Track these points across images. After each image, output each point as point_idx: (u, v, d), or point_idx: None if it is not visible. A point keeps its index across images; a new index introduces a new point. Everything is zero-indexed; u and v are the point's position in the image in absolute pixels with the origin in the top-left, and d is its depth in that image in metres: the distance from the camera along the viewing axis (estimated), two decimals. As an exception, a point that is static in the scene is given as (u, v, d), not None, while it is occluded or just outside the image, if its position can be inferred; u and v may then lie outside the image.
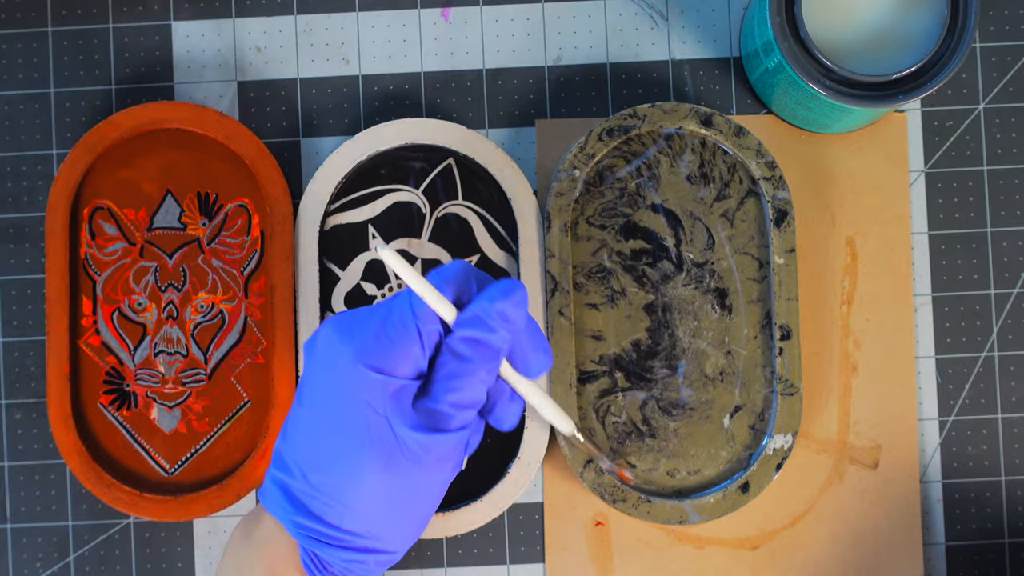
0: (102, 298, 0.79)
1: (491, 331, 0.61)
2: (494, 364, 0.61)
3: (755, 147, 0.77)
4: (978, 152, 0.80)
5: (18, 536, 0.80)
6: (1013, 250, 0.80)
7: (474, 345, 0.61)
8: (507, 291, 0.61)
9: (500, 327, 0.61)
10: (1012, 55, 0.81)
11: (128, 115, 0.78)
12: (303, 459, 0.62)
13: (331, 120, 0.81)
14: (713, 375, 0.78)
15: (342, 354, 0.60)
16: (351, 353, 0.60)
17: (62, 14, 0.81)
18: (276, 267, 0.78)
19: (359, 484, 0.61)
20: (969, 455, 0.79)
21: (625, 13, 0.81)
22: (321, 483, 0.61)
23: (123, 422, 0.79)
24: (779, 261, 0.77)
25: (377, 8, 0.81)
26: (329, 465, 0.61)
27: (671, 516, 0.76)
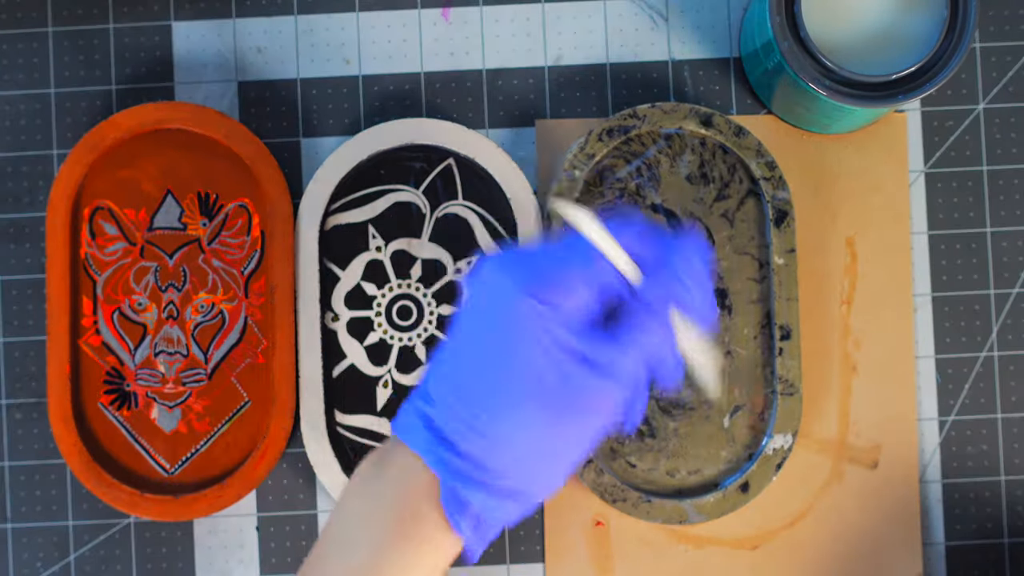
0: (102, 298, 0.79)
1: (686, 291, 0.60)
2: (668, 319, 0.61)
3: (755, 147, 0.77)
4: (978, 152, 0.80)
5: (18, 536, 0.80)
6: (1013, 250, 0.80)
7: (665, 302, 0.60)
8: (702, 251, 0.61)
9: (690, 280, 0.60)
10: (1012, 55, 0.81)
11: (128, 115, 0.78)
12: (456, 391, 0.60)
13: (331, 120, 0.81)
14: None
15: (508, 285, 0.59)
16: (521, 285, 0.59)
17: (62, 14, 0.81)
18: (276, 267, 0.78)
19: (512, 421, 0.59)
20: (969, 455, 0.79)
21: (625, 13, 0.81)
22: (473, 417, 0.59)
23: (123, 422, 0.79)
24: (779, 261, 0.77)
25: (377, 8, 0.81)
26: (485, 398, 0.59)
27: (671, 516, 0.76)
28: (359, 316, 0.80)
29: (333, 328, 0.80)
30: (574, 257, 0.60)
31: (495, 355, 0.59)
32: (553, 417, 0.59)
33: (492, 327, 0.59)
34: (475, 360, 0.60)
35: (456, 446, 0.60)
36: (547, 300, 0.59)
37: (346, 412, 0.79)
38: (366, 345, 0.80)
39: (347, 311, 0.80)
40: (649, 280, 0.60)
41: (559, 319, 0.59)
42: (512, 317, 0.59)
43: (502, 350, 0.59)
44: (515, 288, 0.59)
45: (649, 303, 0.60)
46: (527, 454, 0.60)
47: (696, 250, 0.61)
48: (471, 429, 0.59)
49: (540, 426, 0.59)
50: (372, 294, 0.80)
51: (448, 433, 0.60)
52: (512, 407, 0.59)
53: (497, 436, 0.59)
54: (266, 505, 0.80)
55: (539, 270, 0.59)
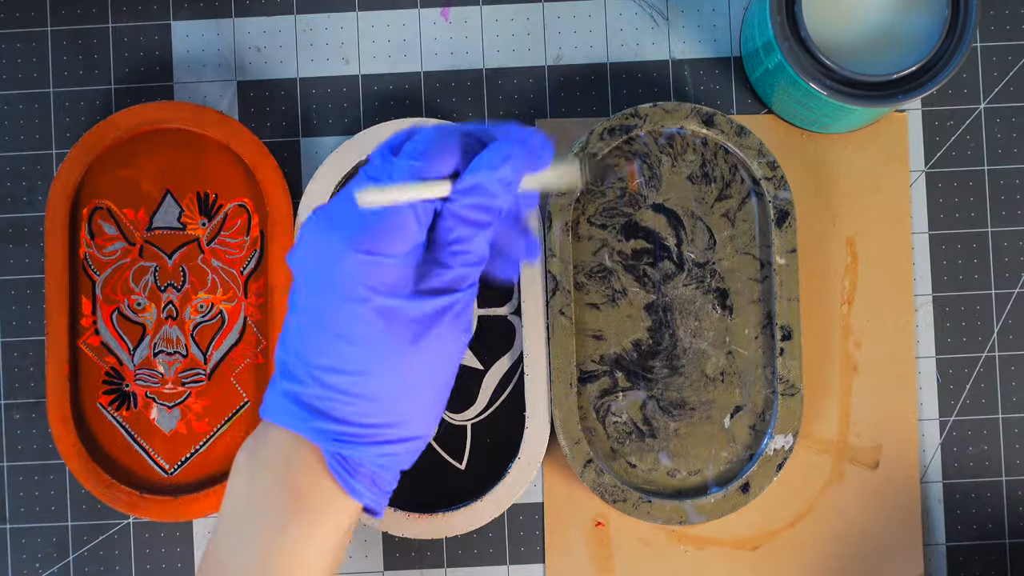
0: (102, 298, 0.79)
1: (493, 197, 0.60)
2: (496, 219, 0.60)
3: (756, 147, 0.77)
4: (978, 152, 0.80)
5: (18, 536, 0.80)
6: (1013, 250, 0.80)
7: (479, 210, 0.60)
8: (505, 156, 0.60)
9: (501, 192, 0.60)
10: (1012, 55, 0.81)
11: (128, 115, 0.78)
12: (312, 363, 0.60)
13: (331, 120, 0.81)
14: (714, 375, 0.78)
15: (332, 245, 0.59)
16: (341, 241, 0.58)
17: (62, 14, 0.81)
18: (276, 267, 0.78)
19: (377, 374, 0.59)
20: (969, 455, 0.79)
21: (625, 13, 0.81)
22: (337, 383, 0.59)
23: (123, 422, 0.79)
24: (780, 261, 0.77)
25: (377, 8, 0.81)
26: (342, 362, 0.59)
27: (671, 516, 0.76)
28: (359, 316, 0.80)
29: (333, 328, 0.79)
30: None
31: (339, 317, 0.59)
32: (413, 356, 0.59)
33: (328, 292, 0.59)
34: (322, 328, 0.59)
35: (328, 413, 0.60)
36: (375, 249, 0.58)
37: (346, 412, 0.79)
38: (366, 345, 0.79)
39: (347, 311, 0.80)
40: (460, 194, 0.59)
41: (388, 266, 0.58)
42: (344, 273, 0.58)
43: (344, 311, 0.59)
44: (341, 244, 0.58)
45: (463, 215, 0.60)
46: (401, 398, 0.60)
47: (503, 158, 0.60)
48: (340, 392, 0.59)
49: (404, 369, 0.59)
50: (372, 294, 0.80)
51: (315, 402, 0.60)
52: (371, 360, 0.59)
53: (366, 392, 0.59)
54: (266, 505, 0.80)
55: (359, 220, 0.59)
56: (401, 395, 0.60)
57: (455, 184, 0.60)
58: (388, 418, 0.60)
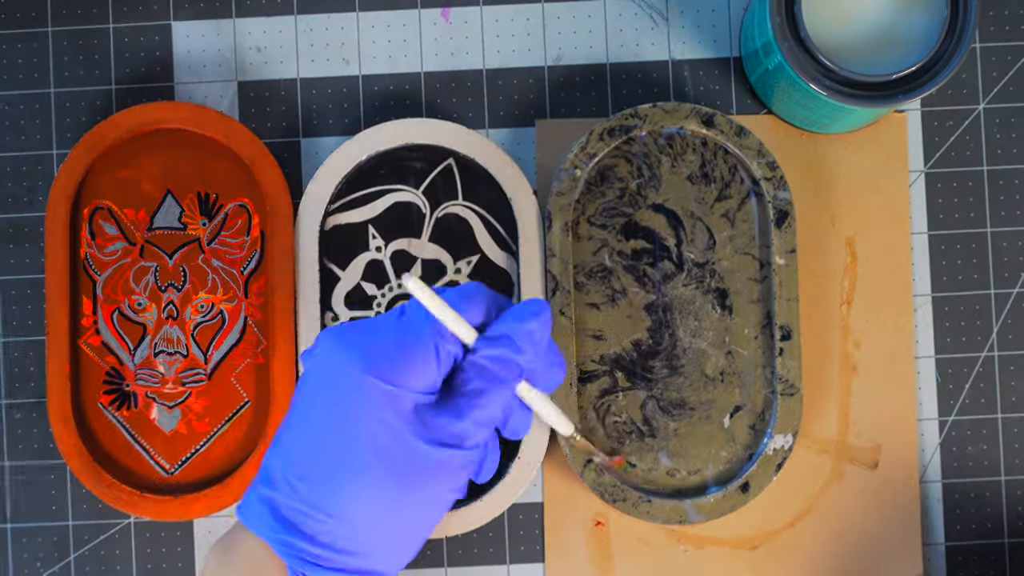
0: (102, 298, 0.79)
1: (519, 351, 0.61)
2: (517, 382, 0.61)
3: (756, 147, 0.77)
4: (978, 152, 0.80)
5: (18, 536, 0.80)
6: (1013, 250, 0.80)
7: (501, 363, 0.61)
8: (536, 311, 0.61)
9: (527, 347, 0.61)
10: (1012, 55, 0.81)
11: (128, 115, 0.78)
12: (297, 472, 0.60)
13: (331, 120, 0.81)
14: (713, 375, 0.78)
15: (352, 365, 0.59)
16: (362, 365, 0.59)
17: (62, 14, 0.81)
18: (276, 267, 0.78)
19: (359, 500, 0.59)
20: (969, 455, 0.80)
21: (625, 13, 0.81)
22: (315, 498, 0.59)
23: (123, 422, 0.79)
24: (780, 261, 0.77)
25: (377, 8, 0.81)
26: (327, 479, 0.59)
27: (671, 516, 0.76)
28: (359, 316, 0.80)
29: (333, 328, 0.79)
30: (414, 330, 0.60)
31: (338, 435, 0.59)
32: (400, 493, 0.59)
33: (335, 406, 0.59)
34: (317, 441, 0.59)
35: (301, 529, 0.59)
36: (391, 380, 0.59)
37: (346, 412, 0.79)
38: (366, 345, 0.80)
39: (347, 311, 0.80)
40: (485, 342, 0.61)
41: (403, 398, 0.59)
42: (356, 397, 0.59)
43: (346, 430, 0.59)
44: (358, 367, 0.59)
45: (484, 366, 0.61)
46: (376, 533, 0.60)
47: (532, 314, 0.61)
48: (316, 510, 0.59)
49: (387, 502, 0.59)
50: (372, 294, 0.80)
51: (292, 516, 0.60)
52: (358, 486, 0.59)
53: (344, 515, 0.59)
54: (266, 505, 0.80)
55: (381, 347, 0.60)
56: (377, 530, 0.60)
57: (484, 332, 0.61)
58: (357, 547, 0.60)
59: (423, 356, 0.60)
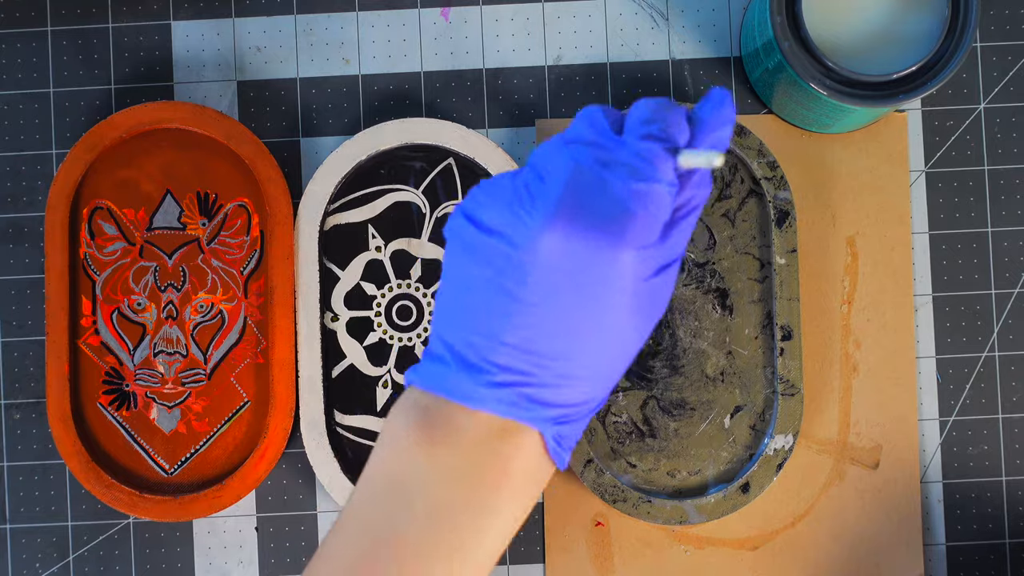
0: (101, 298, 0.79)
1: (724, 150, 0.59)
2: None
3: (756, 147, 0.77)
4: (978, 152, 0.80)
5: (17, 536, 0.80)
6: (1013, 250, 0.80)
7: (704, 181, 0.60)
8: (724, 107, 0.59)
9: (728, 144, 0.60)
10: (1012, 55, 0.81)
11: (128, 115, 0.78)
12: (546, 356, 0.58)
13: (331, 120, 0.81)
14: (714, 375, 0.78)
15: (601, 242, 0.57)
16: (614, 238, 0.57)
17: (62, 14, 0.81)
18: (276, 267, 0.78)
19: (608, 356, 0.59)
20: (970, 455, 0.79)
21: (625, 13, 0.81)
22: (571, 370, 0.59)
23: (123, 422, 0.79)
24: (780, 261, 0.77)
25: (377, 8, 0.81)
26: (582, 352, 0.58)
27: (671, 516, 0.76)
28: (359, 316, 0.80)
29: (333, 328, 0.79)
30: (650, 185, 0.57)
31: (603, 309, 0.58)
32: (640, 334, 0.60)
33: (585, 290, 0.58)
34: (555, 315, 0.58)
35: (551, 401, 0.59)
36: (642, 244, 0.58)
37: (346, 412, 0.79)
38: (366, 345, 0.80)
39: (347, 311, 0.80)
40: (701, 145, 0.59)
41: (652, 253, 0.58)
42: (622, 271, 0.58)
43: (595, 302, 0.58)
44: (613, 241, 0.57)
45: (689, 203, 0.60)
46: (616, 369, 0.60)
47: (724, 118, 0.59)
48: (569, 378, 0.59)
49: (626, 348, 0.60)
50: (372, 294, 0.80)
51: (541, 394, 0.59)
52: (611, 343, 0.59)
53: (591, 375, 0.59)
54: (265, 505, 0.80)
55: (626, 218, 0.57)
56: (618, 367, 0.61)
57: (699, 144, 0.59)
58: (604, 389, 0.61)
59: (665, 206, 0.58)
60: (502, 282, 0.59)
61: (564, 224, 0.58)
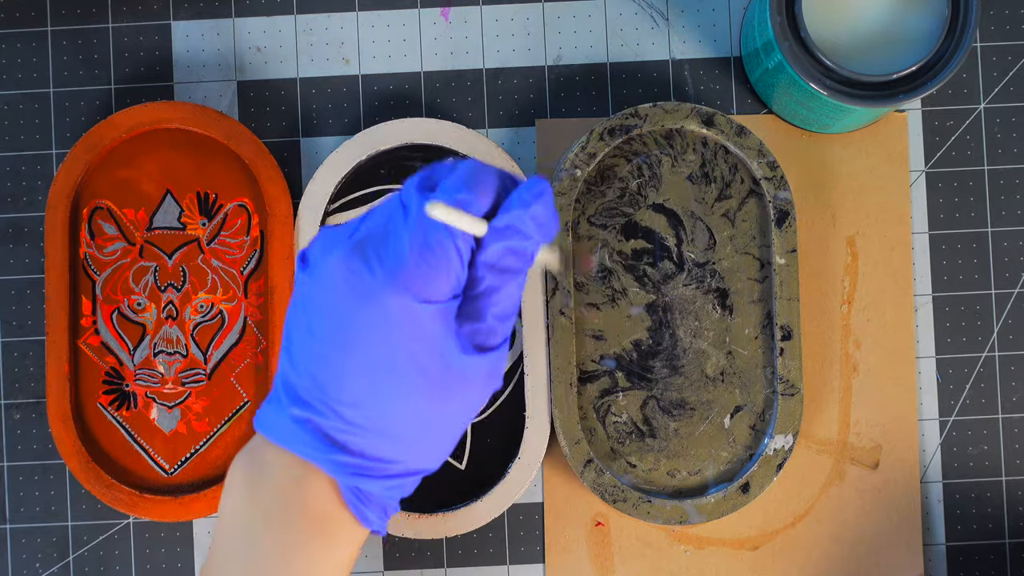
0: (101, 298, 0.79)
1: (527, 238, 0.58)
2: (528, 267, 0.60)
3: (756, 147, 0.77)
4: (979, 152, 0.80)
5: (17, 536, 0.80)
6: (1013, 250, 0.80)
7: (513, 255, 0.59)
8: (537, 193, 0.59)
9: (535, 232, 0.58)
10: (1012, 55, 0.81)
11: (128, 115, 0.78)
12: (334, 397, 0.58)
13: (331, 120, 0.81)
14: (714, 375, 0.78)
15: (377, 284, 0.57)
16: (388, 282, 0.57)
17: (62, 14, 0.81)
18: (276, 267, 0.78)
19: (403, 415, 0.58)
20: (970, 455, 0.79)
21: (625, 13, 0.81)
22: (359, 418, 0.58)
23: (123, 422, 0.79)
24: (780, 261, 0.77)
25: (377, 8, 0.81)
26: (368, 400, 0.58)
27: (671, 516, 0.76)
28: (359, 316, 0.80)
29: (333, 328, 0.79)
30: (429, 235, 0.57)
31: (371, 357, 0.58)
32: (443, 402, 0.59)
33: (362, 327, 0.57)
34: (348, 361, 0.58)
35: (347, 447, 0.59)
36: (421, 296, 0.57)
37: (346, 412, 0.79)
38: (366, 345, 0.79)
39: (347, 311, 0.80)
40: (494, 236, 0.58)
41: (435, 313, 0.57)
42: (388, 318, 0.57)
43: (379, 351, 0.58)
44: (385, 286, 0.57)
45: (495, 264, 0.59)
46: (422, 438, 0.60)
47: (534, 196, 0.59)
48: (361, 429, 0.59)
49: (432, 413, 0.59)
50: (372, 294, 0.80)
51: (334, 434, 0.59)
52: (400, 403, 0.58)
53: (388, 431, 0.59)
54: (266, 505, 0.80)
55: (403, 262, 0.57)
56: (422, 436, 0.60)
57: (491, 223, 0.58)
58: (406, 455, 0.60)
59: (445, 264, 0.57)
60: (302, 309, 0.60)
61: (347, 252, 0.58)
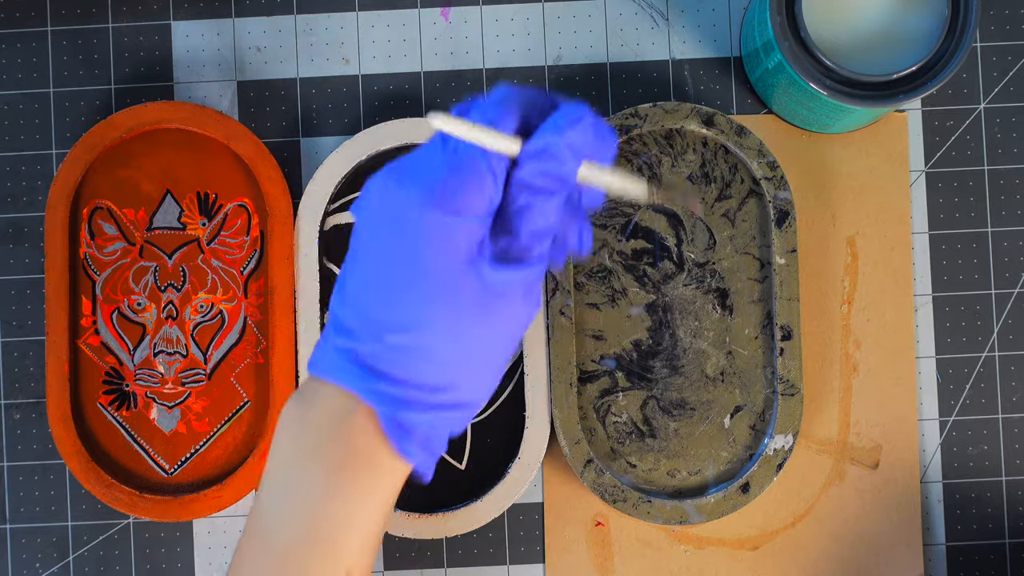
0: (101, 298, 0.79)
1: (561, 163, 0.58)
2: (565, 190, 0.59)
3: (756, 147, 0.77)
4: (978, 152, 0.80)
5: (17, 536, 0.79)
6: (1013, 250, 0.80)
7: (545, 177, 0.58)
8: (573, 120, 0.59)
9: (569, 158, 0.58)
10: (1012, 55, 0.81)
11: (128, 115, 0.78)
12: (375, 320, 0.58)
13: (331, 120, 0.81)
14: (714, 375, 0.78)
15: (410, 201, 0.57)
16: (420, 198, 0.57)
17: (62, 14, 0.81)
18: (276, 267, 0.78)
19: (443, 336, 0.58)
20: (969, 455, 0.79)
21: (625, 13, 0.81)
22: (399, 343, 0.58)
23: (123, 422, 0.79)
24: (780, 261, 0.77)
25: (377, 8, 0.81)
26: (408, 322, 0.57)
27: (671, 516, 0.76)
28: (359, 316, 0.80)
29: (333, 328, 0.79)
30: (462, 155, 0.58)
31: (407, 274, 0.58)
32: (476, 321, 0.58)
33: (399, 245, 0.58)
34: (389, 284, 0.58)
35: (387, 374, 0.58)
36: (451, 210, 0.57)
37: (346, 412, 0.79)
38: (366, 345, 0.79)
39: (347, 311, 0.80)
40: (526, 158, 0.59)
41: (464, 226, 0.57)
42: (420, 232, 0.57)
43: (414, 267, 0.57)
44: (418, 202, 0.57)
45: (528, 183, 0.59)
46: (458, 363, 0.58)
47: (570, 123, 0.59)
48: (401, 353, 0.58)
49: (465, 333, 0.58)
50: (372, 294, 0.80)
51: (374, 362, 0.58)
52: (439, 323, 0.58)
53: (429, 355, 0.58)
54: (266, 505, 0.80)
55: (435, 178, 0.58)
56: (464, 360, 0.59)
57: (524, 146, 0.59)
58: (447, 382, 0.59)
59: (477, 181, 0.57)
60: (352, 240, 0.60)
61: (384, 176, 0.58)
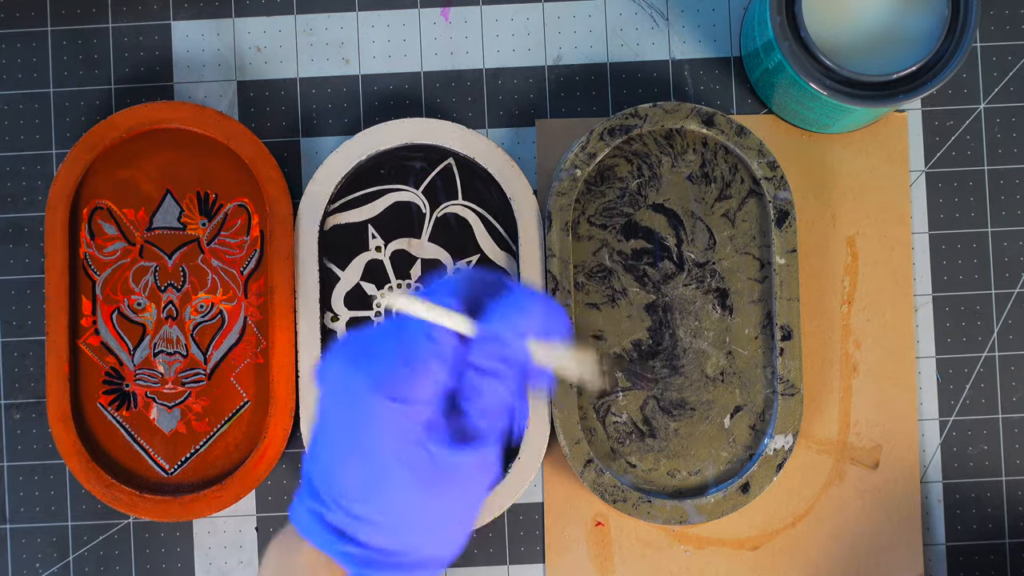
0: (101, 298, 0.79)
1: (511, 346, 0.60)
2: (518, 371, 0.61)
3: (756, 147, 0.77)
4: (978, 152, 0.80)
5: (17, 536, 0.79)
6: (1013, 250, 0.80)
7: (495, 359, 0.61)
8: (524, 303, 0.61)
9: (518, 341, 0.61)
10: (1012, 55, 0.81)
11: (127, 115, 0.78)
12: (337, 492, 0.61)
13: (331, 120, 0.81)
14: (714, 375, 0.78)
15: (359, 385, 0.60)
16: (368, 383, 0.60)
17: (62, 14, 0.81)
18: (276, 267, 0.78)
19: (399, 508, 0.60)
20: (969, 455, 0.79)
21: (625, 13, 0.81)
22: (361, 512, 0.61)
23: (123, 422, 0.79)
24: (780, 261, 0.77)
25: (377, 8, 0.81)
26: (365, 493, 0.60)
27: (671, 516, 0.76)
28: (359, 316, 0.80)
29: (333, 328, 0.79)
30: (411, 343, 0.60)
31: (364, 454, 0.60)
32: (430, 493, 0.60)
33: (353, 420, 0.60)
34: (348, 460, 0.60)
35: (354, 538, 0.61)
36: (398, 396, 0.59)
37: (346, 412, 0.79)
38: (366, 345, 0.79)
39: (347, 311, 0.80)
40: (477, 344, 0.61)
41: (412, 414, 0.59)
42: (368, 416, 0.59)
43: (367, 443, 0.60)
44: (366, 387, 0.59)
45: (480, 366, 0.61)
46: (421, 529, 0.61)
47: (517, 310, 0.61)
48: (364, 522, 0.60)
49: (420, 505, 0.60)
50: (372, 294, 0.80)
51: (343, 527, 0.61)
52: (390, 494, 0.60)
53: (387, 523, 0.60)
54: (265, 505, 0.80)
55: (384, 365, 0.60)
56: (423, 528, 0.61)
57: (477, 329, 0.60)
58: (410, 547, 0.62)
59: (423, 370, 0.60)
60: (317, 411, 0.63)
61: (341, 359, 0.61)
